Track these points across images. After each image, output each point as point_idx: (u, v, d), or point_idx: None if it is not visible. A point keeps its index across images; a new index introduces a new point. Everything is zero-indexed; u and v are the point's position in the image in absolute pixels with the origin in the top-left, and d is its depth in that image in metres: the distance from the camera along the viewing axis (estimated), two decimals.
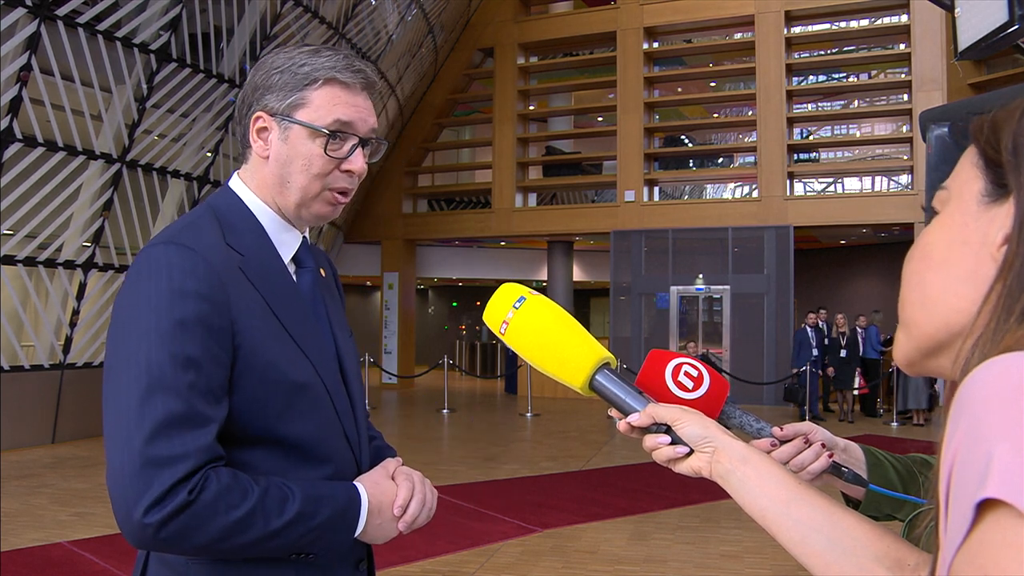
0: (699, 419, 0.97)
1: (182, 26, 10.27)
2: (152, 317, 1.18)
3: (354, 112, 1.33)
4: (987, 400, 0.53)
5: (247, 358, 1.24)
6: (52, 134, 9.13)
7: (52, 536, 5.97)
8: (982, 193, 0.67)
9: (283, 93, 1.31)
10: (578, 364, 1.00)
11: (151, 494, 1.12)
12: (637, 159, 17.26)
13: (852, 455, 1.33)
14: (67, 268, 9.82)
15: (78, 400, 10.30)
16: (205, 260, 1.22)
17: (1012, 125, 0.66)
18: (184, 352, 1.17)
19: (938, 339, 0.69)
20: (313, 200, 1.34)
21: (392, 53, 15.58)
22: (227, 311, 1.22)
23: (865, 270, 21.18)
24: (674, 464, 0.99)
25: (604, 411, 6.90)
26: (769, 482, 0.89)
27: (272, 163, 1.33)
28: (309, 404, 1.30)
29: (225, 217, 1.33)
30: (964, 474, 0.52)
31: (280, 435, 1.28)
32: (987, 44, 2.53)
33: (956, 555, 0.52)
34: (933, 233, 0.71)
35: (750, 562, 5.52)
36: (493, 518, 6.58)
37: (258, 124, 1.33)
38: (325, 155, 1.31)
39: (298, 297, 1.35)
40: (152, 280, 1.20)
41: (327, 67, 1.32)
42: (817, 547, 0.84)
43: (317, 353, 1.33)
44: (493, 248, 22.53)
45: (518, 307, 1.02)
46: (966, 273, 0.66)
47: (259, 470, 1.25)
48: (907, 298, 0.73)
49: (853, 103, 18.97)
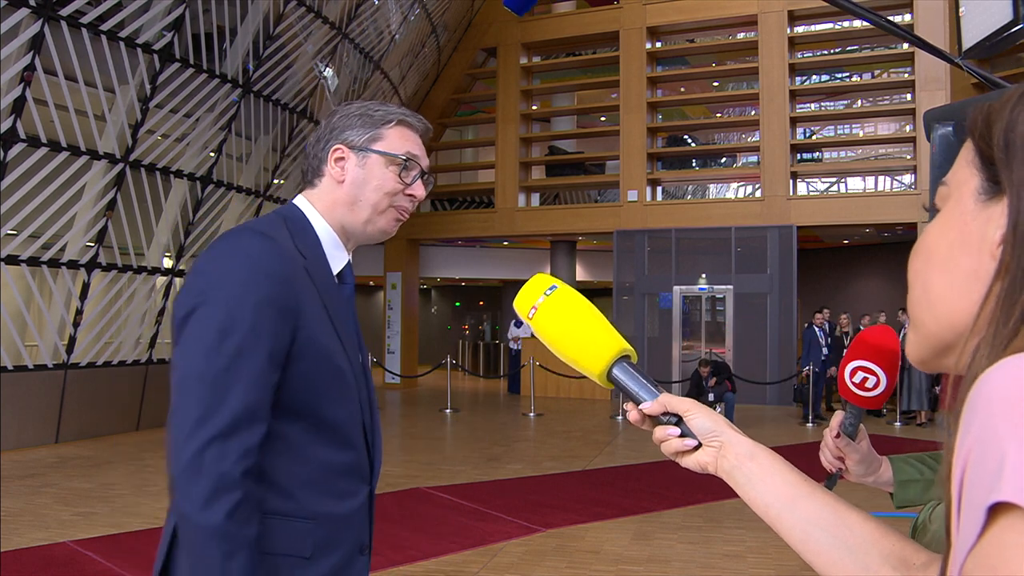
0: (709, 412, 0.97)
1: (185, 26, 10.27)
2: (236, 290, 1.37)
3: (419, 149, 1.65)
4: (1000, 402, 0.52)
5: (305, 340, 1.42)
6: (56, 134, 9.14)
7: (55, 536, 5.97)
8: (978, 191, 0.66)
9: (362, 131, 1.60)
10: (599, 352, 1.02)
11: (209, 485, 1.29)
12: (640, 159, 17.25)
13: (881, 475, 1.42)
14: (71, 268, 9.83)
15: (81, 400, 10.32)
16: (281, 249, 1.44)
17: (1003, 119, 0.65)
18: (261, 324, 1.36)
19: (945, 339, 0.69)
20: (380, 216, 1.61)
21: (395, 53, 15.58)
22: (295, 296, 1.42)
23: (868, 270, 21.16)
24: (681, 458, 0.98)
25: (607, 411, 6.93)
26: (775, 479, 0.89)
27: (347, 185, 1.59)
28: (344, 391, 1.50)
29: (293, 225, 1.55)
30: (977, 476, 0.52)
31: (319, 415, 1.46)
32: (992, 43, 2.53)
33: (968, 557, 0.52)
34: (934, 232, 0.71)
35: (753, 562, 5.52)
36: (496, 518, 6.58)
37: (336, 155, 1.60)
38: (398, 178, 1.60)
39: (342, 302, 1.58)
40: (237, 259, 1.41)
41: (398, 113, 1.64)
42: (822, 545, 0.84)
43: (352, 352, 1.54)
44: (496, 248, 22.52)
45: (549, 294, 1.07)
46: (967, 273, 0.66)
47: (293, 444, 1.43)
48: (913, 298, 0.72)
49: (856, 103, 18.94)
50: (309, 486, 1.44)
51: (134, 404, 11.27)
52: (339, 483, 1.49)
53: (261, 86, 11.99)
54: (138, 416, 11.31)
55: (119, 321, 10.79)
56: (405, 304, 19.46)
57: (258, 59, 11.72)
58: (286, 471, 1.42)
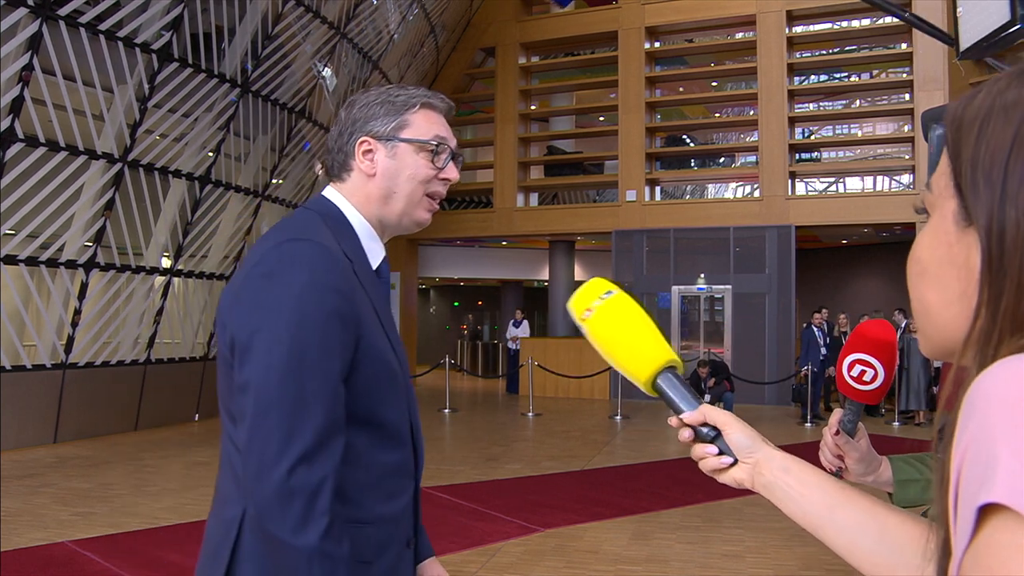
0: (745, 428, 0.99)
1: (183, 26, 10.27)
2: (303, 307, 1.32)
3: (446, 130, 1.59)
4: (998, 401, 0.53)
5: (365, 347, 1.40)
6: (54, 134, 9.13)
7: (54, 536, 5.97)
8: (956, 215, 0.67)
9: (386, 119, 1.54)
10: (648, 360, 1.04)
11: (295, 513, 1.27)
12: (639, 159, 17.26)
13: (881, 475, 1.42)
14: (69, 268, 9.82)
15: (80, 400, 10.31)
16: (335, 258, 1.39)
17: (970, 146, 0.65)
18: (331, 339, 1.33)
19: (948, 346, 0.70)
20: (415, 207, 1.57)
21: (393, 53, 15.58)
22: (354, 305, 1.38)
23: (867, 270, 21.17)
24: (718, 474, 1.01)
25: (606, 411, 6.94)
26: (812, 490, 0.92)
27: (379, 178, 1.54)
28: (396, 391, 1.48)
29: (333, 224, 1.50)
30: (971, 476, 0.53)
31: (379, 418, 1.45)
32: (989, 43, 2.53)
33: (964, 556, 0.53)
34: (925, 245, 0.71)
35: (752, 562, 5.52)
36: (495, 518, 6.58)
37: (363, 147, 1.54)
38: (430, 164, 1.55)
39: (385, 298, 1.55)
40: (297, 273, 1.34)
41: (419, 95, 1.58)
42: (865, 548, 0.87)
43: (399, 350, 1.53)
44: (495, 248, 22.52)
45: (606, 298, 1.09)
46: (957, 294, 0.67)
47: (357, 450, 1.40)
48: (914, 309, 0.74)
49: (855, 103, 18.95)
50: (369, 490, 1.44)
51: (132, 404, 11.27)
52: (391, 483, 1.48)
53: (260, 86, 11.99)
54: (136, 416, 11.31)
55: (117, 321, 10.79)
56: (404, 304, 19.45)
57: (256, 59, 11.71)
58: (351, 478, 1.40)
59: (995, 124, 0.63)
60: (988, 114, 0.64)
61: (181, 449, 10.00)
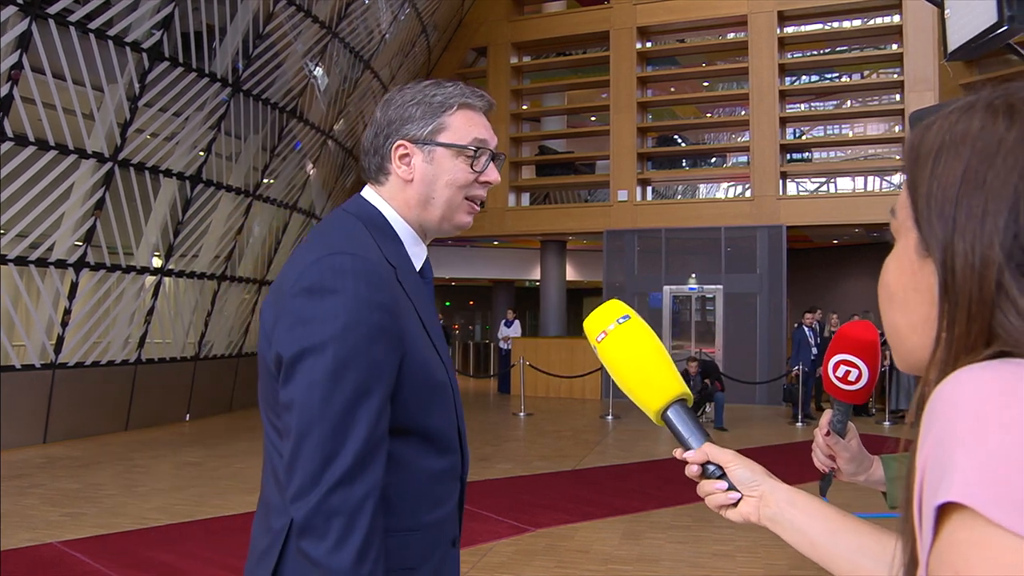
0: (748, 463, 1.03)
1: (174, 25, 10.23)
2: (347, 326, 1.30)
3: (486, 131, 1.55)
4: (955, 408, 0.55)
5: (409, 361, 1.38)
6: (43, 133, 9.09)
7: (43, 536, 5.94)
8: (917, 246, 0.69)
9: (423, 122, 1.50)
10: (659, 392, 1.06)
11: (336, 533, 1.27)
12: (630, 159, 17.28)
13: (873, 474, 1.43)
14: (58, 267, 9.78)
15: (70, 400, 10.27)
16: (380, 272, 1.37)
17: (924, 181, 0.67)
18: (375, 358, 1.32)
19: (918, 366, 0.72)
20: (455, 211, 1.54)
21: (385, 52, 15.56)
22: (399, 319, 1.37)
23: (857, 270, 21.22)
24: (725, 511, 1.04)
25: (597, 411, 6.93)
26: (815, 520, 0.96)
27: (417, 184, 1.50)
28: (443, 400, 1.47)
29: (376, 230, 1.48)
30: (931, 480, 0.55)
31: (425, 427, 1.44)
32: (977, 45, 2.53)
33: (929, 558, 0.55)
34: (892, 270, 0.74)
35: (742, 561, 5.53)
36: (486, 518, 6.58)
37: (400, 151, 1.50)
38: (469, 169, 1.51)
39: (432, 306, 1.53)
40: (338, 290, 1.32)
41: (457, 94, 1.53)
42: (867, 568, 0.91)
43: (446, 357, 1.51)
44: (486, 248, 22.52)
45: (621, 323, 1.09)
46: (922, 318, 0.69)
47: (404, 460, 1.40)
48: (885, 328, 0.77)
49: (846, 103, 19.03)
50: (415, 498, 1.44)
51: (123, 404, 11.23)
52: (439, 489, 1.48)
53: (251, 85, 11.96)
54: (127, 416, 11.27)
55: (107, 321, 10.75)
56: None
57: (248, 58, 11.68)
58: (398, 489, 1.40)
59: (946, 159, 0.66)
60: (940, 149, 0.67)
61: (171, 449, 9.97)
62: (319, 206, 15.60)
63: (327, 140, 14.83)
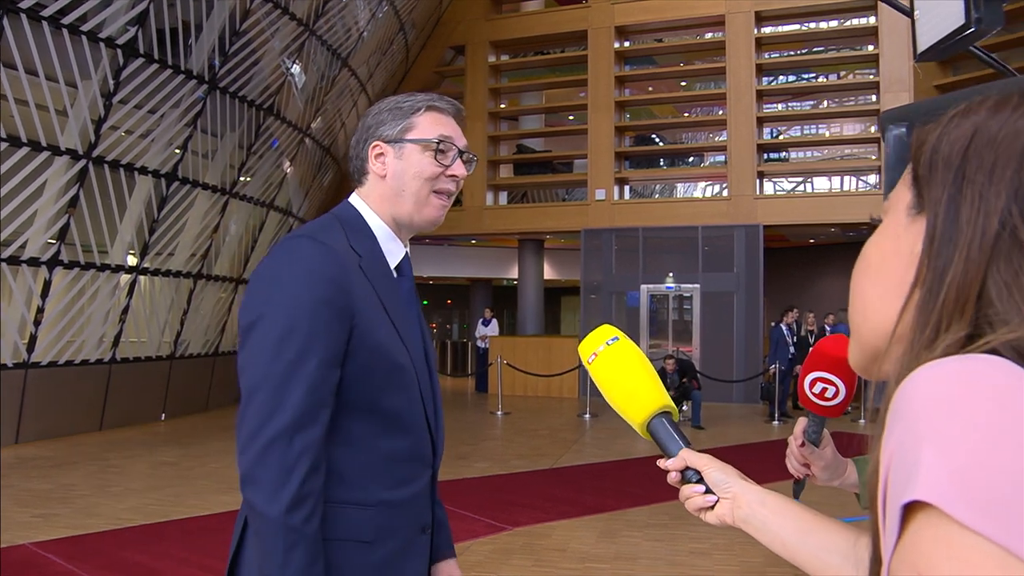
0: (722, 466, 1.06)
1: (150, 21, 10.13)
2: (294, 296, 1.45)
3: (452, 130, 1.68)
4: (922, 404, 0.54)
5: (360, 337, 1.50)
6: (16, 129, 8.97)
7: (15, 538, 5.87)
8: (909, 205, 0.69)
9: (394, 123, 1.66)
10: (643, 405, 1.13)
11: (291, 487, 1.39)
12: (608, 158, 17.31)
13: (847, 478, 1.45)
14: (31, 265, 9.66)
15: (42, 400, 10.16)
16: (334, 253, 1.51)
17: (931, 141, 0.68)
18: (317, 323, 1.44)
19: (879, 346, 0.71)
20: (424, 205, 1.65)
21: (363, 50, 15.50)
22: (349, 296, 1.49)
23: (833, 269, 21.36)
24: (703, 514, 1.07)
25: (574, 410, 6.97)
26: (786, 520, 0.98)
27: (389, 179, 1.65)
28: (403, 383, 1.57)
29: (348, 225, 1.63)
30: (896, 479, 0.54)
31: (379, 406, 1.54)
32: (945, 46, 2.54)
33: (892, 558, 0.54)
34: (872, 244, 0.74)
35: (719, 559, 5.56)
36: (463, 516, 6.57)
37: (375, 151, 1.66)
38: (435, 162, 1.64)
39: (400, 296, 1.64)
40: (293, 265, 1.48)
41: (426, 99, 1.68)
42: (834, 565, 0.94)
43: (411, 343, 1.61)
44: (464, 246, 22.50)
45: (610, 344, 1.18)
46: (897, 282, 0.68)
47: (355, 435, 1.52)
48: (852, 307, 0.75)
49: (822, 103, 19.15)
50: (371, 475, 1.54)
51: (97, 403, 11.12)
52: (400, 470, 1.58)
53: (228, 82, 11.88)
54: (101, 416, 11.16)
55: (81, 319, 10.64)
56: None
57: (224, 55, 11.60)
58: (349, 461, 1.51)
59: (957, 121, 0.66)
60: (952, 117, 0.67)
61: (146, 449, 9.88)
62: (296, 204, 15.52)
63: (304, 138, 14.76)
